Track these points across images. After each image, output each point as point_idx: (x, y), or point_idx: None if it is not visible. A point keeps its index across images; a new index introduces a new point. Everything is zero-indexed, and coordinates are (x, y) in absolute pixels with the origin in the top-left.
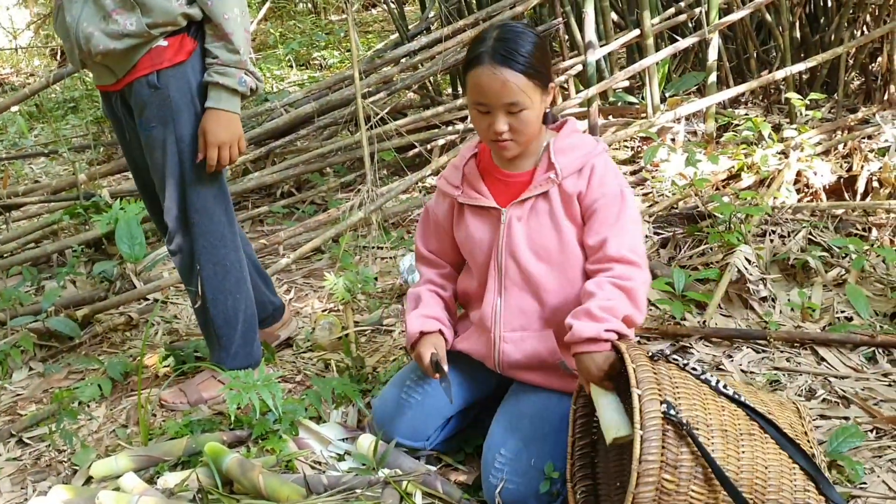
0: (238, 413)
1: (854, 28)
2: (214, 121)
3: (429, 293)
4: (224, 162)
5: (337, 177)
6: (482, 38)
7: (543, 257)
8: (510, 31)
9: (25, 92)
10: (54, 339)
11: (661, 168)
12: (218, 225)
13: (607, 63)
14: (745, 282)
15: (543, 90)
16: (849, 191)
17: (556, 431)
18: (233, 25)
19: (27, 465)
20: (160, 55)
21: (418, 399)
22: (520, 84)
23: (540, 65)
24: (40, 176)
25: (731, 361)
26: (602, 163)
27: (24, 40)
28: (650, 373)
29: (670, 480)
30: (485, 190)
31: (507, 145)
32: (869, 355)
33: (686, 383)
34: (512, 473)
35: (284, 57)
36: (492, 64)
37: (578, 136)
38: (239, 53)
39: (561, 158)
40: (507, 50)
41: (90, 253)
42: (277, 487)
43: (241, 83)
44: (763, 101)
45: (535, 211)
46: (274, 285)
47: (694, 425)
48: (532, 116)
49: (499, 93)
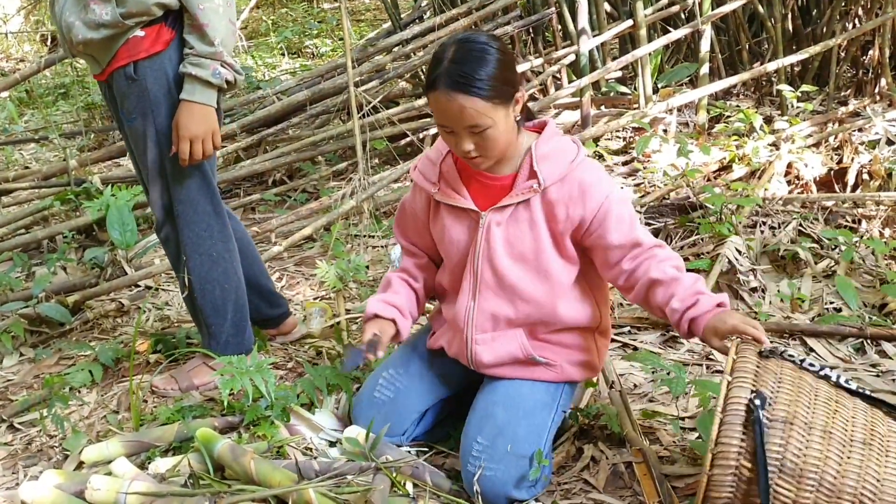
0: (230, 399)
1: (846, 21)
2: (187, 114)
3: (399, 281)
4: (196, 156)
5: (329, 165)
6: (439, 59)
7: (521, 264)
8: (467, 50)
9: (16, 77)
10: (45, 325)
11: (652, 158)
12: (203, 215)
13: (600, 53)
14: (735, 272)
15: (507, 106)
16: (839, 183)
17: (529, 416)
18: (209, 16)
19: (18, 451)
20: (137, 46)
21: (390, 397)
22: (478, 108)
23: (500, 83)
24: (31, 162)
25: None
26: (587, 173)
27: (14, 25)
28: (751, 365)
29: (751, 469)
30: (464, 191)
31: (477, 161)
32: (857, 346)
33: (797, 382)
34: (489, 461)
35: (277, 45)
36: (446, 90)
37: (559, 140)
38: (214, 45)
39: (544, 166)
40: (462, 74)
41: (81, 239)
42: (269, 473)
43: (216, 75)
44: (754, 93)
45: (515, 217)
46: (279, 299)
47: (789, 421)
48: (498, 133)
49: (457, 118)
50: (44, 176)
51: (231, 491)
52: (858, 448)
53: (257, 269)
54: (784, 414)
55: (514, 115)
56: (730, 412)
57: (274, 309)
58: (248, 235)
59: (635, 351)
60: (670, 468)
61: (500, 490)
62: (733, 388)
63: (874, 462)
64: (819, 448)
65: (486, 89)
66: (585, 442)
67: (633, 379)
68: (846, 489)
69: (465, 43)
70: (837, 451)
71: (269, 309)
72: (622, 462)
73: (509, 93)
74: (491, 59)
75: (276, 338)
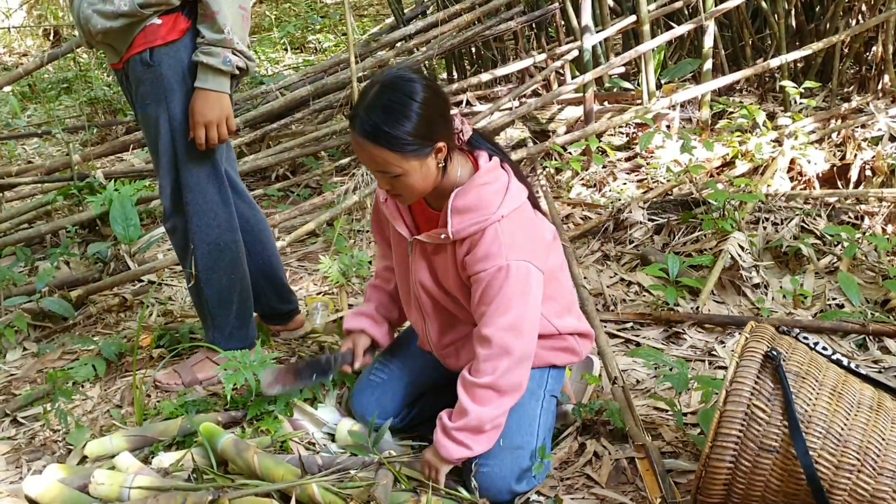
0: (233, 393)
1: (850, 17)
2: (202, 100)
3: (372, 289)
4: (213, 141)
5: (332, 160)
6: (361, 96)
7: (446, 293)
8: (387, 99)
9: (19, 72)
10: (48, 320)
11: (656, 154)
12: (212, 204)
13: (603, 49)
14: (738, 268)
15: (422, 157)
16: (842, 179)
17: (517, 407)
18: (219, 3)
19: (22, 445)
20: (154, 33)
21: (383, 378)
22: (387, 158)
23: (415, 138)
24: (33, 157)
25: (723, 347)
26: (492, 232)
27: (17, 20)
28: (767, 335)
29: (762, 409)
30: (403, 213)
31: (398, 199)
32: (860, 343)
33: (809, 355)
34: (485, 457)
35: (279, 40)
36: (357, 135)
37: (480, 192)
38: (223, 32)
39: (456, 220)
40: (373, 125)
41: (84, 234)
42: (272, 467)
43: (226, 62)
44: (758, 90)
45: (438, 250)
46: (290, 295)
47: (801, 375)
48: (412, 181)
49: (368, 161)
50: (47, 171)
51: (234, 485)
52: (865, 411)
53: (273, 257)
54: (797, 369)
55: (437, 162)
56: (747, 357)
57: (284, 304)
58: (265, 222)
59: (638, 347)
60: (673, 463)
61: (501, 485)
62: (751, 342)
63: (881, 425)
64: (828, 402)
65: (397, 144)
66: (588, 437)
67: (635, 375)
68: (852, 440)
69: (388, 89)
70: (846, 408)
71: (279, 303)
72: (625, 458)
73: (426, 145)
74: (410, 113)
75: (279, 333)
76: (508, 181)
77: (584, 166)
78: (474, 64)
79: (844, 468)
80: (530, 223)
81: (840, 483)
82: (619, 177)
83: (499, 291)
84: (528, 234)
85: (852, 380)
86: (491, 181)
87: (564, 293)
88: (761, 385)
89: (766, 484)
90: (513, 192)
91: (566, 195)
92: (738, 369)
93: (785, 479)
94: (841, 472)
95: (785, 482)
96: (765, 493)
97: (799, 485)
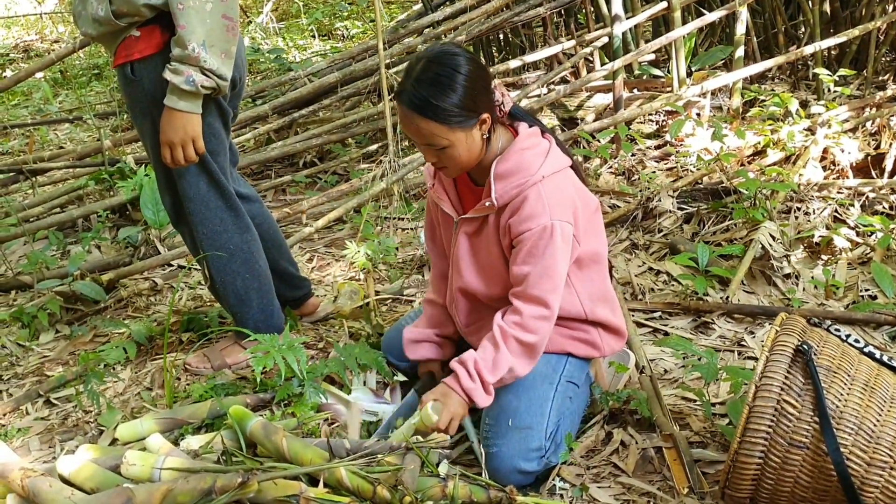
0: (262, 377)
1: (886, 3)
2: (167, 120)
3: (427, 303)
4: (178, 162)
5: (359, 147)
6: (407, 72)
7: (482, 273)
8: (433, 72)
9: (51, 58)
10: (80, 303)
11: (686, 142)
12: (216, 210)
13: (633, 36)
14: (768, 258)
15: (468, 128)
16: (876, 169)
17: (528, 390)
18: (188, 16)
19: (55, 425)
20: (132, 46)
21: (410, 321)
22: (434, 131)
23: (461, 110)
24: (65, 142)
25: (752, 338)
26: (535, 193)
27: (48, 6)
28: (798, 327)
29: (793, 405)
30: (450, 193)
31: (444, 171)
32: (893, 334)
33: (841, 347)
34: (495, 437)
35: (307, 27)
36: (405, 108)
37: (521, 156)
38: (186, 49)
39: (499, 185)
40: (421, 98)
41: (115, 218)
42: (300, 451)
43: (189, 82)
44: (790, 77)
45: (480, 228)
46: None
47: (833, 370)
48: (457, 152)
49: (415, 134)
50: (78, 156)
51: (263, 468)
52: None
53: (281, 253)
54: (828, 363)
55: (482, 133)
56: (777, 351)
57: (294, 291)
58: (271, 219)
59: (666, 336)
60: (700, 453)
61: (508, 464)
62: (781, 335)
63: None
64: (860, 397)
65: (444, 116)
66: (615, 426)
67: (663, 364)
68: (885, 437)
69: (434, 63)
70: (878, 403)
71: (289, 291)
72: (652, 447)
73: (471, 117)
74: (456, 85)
75: (303, 318)
76: (549, 147)
77: (613, 154)
78: (502, 51)
79: (876, 465)
80: (572, 187)
81: (872, 480)
82: (648, 165)
83: (544, 252)
84: (568, 197)
85: (885, 373)
86: (531, 146)
87: (604, 280)
88: (791, 380)
89: (795, 480)
90: (554, 155)
91: (594, 183)
92: (767, 364)
93: (815, 475)
94: (873, 468)
95: (815, 478)
96: (794, 488)
97: (829, 481)
